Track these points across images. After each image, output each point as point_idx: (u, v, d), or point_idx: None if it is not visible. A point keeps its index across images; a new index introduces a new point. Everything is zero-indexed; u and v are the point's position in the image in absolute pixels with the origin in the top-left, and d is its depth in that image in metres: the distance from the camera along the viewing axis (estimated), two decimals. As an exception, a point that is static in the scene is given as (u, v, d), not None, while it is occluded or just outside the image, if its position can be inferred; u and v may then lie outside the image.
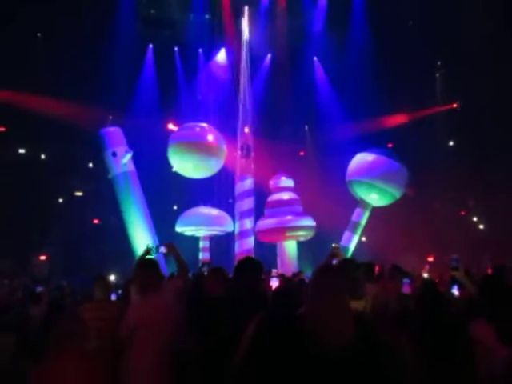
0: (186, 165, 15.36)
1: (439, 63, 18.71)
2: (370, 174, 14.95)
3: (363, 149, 15.59)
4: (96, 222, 18.19)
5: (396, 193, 15.21)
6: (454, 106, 18.28)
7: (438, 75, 18.88)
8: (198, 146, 14.84)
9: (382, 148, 15.46)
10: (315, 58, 19.39)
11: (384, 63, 16.45)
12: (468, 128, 16.51)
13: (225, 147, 15.60)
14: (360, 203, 16.14)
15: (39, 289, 7.55)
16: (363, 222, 16.24)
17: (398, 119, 18.69)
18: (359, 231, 16.25)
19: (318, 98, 19.16)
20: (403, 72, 16.44)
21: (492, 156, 15.65)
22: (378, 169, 14.88)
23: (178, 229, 15.61)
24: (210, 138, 15.23)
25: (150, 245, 4.94)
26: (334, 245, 6.83)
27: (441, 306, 3.01)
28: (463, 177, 16.16)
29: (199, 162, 15.07)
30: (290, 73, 17.74)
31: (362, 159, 15.42)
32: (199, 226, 15.52)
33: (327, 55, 18.35)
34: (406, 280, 4.77)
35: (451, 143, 17.06)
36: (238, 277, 3.08)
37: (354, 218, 16.23)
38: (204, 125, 15.64)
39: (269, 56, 18.77)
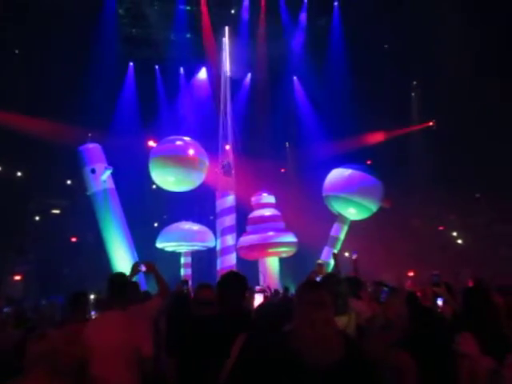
0: (167, 178, 15.29)
1: (415, 83, 19.30)
2: (346, 189, 15.15)
3: (347, 166, 15.83)
4: (74, 239, 17.84)
5: (373, 206, 15.41)
6: (430, 124, 18.78)
7: (413, 94, 19.43)
8: (179, 159, 14.85)
9: (357, 164, 15.72)
10: (295, 78, 19.77)
11: (362, 83, 16.80)
12: (444, 145, 16.89)
13: (207, 160, 15.61)
14: (338, 218, 16.29)
15: (6, 310, 7.15)
16: (342, 236, 16.36)
17: (376, 137, 19.06)
18: (338, 246, 16.34)
19: (299, 117, 19.53)
20: (380, 92, 16.82)
21: (468, 172, 15.97)
22: (355, 183, 15.08)
23: (159, 244, 15.49)
24: (192, 151, 15.27)
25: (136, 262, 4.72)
26: (318, 261, 6.74)
27: (429, 319, 3.00)
28: (441, 193, 16.43)
29: (181, 175, 15.04)
30: (271, 92, 18.04)
31: (338, 174, 15.63)
32: (180, 241, 15.42)
33: (307, 75, 18.64)
34: (385, 289, 4.68)
35: (428, 160, 17.38)
36: (222, 293, 2.95)
37: (332, 232, 16.33)
38: (186, 138, 15.67)
39: (249, 75, 19.03)
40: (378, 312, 3.99)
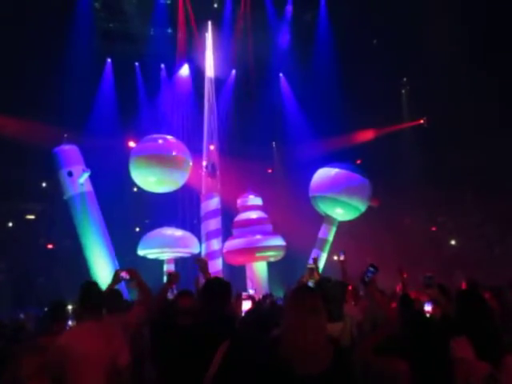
0: (148, 179, 15.22)
1: (405, 79, 19.47)
2: (333, 188, 15.29)
3: (333, 165, 15.96)
4: (50, 246, 17.64)
5: (361, 206, 15.55)
6: (421, 121, 19.03)
7: (403, 91, 19.61)
8: (161, 158, 14.76)
9: (344, 162, 15.85)
10: (281, 75, 19.85)
11: (350, 80, 16.98)
12: (435, 143, 17.10)
13: (190, 159, 15.59)
14: (325, 219, 16.41)
15: None
16: (330, 238, 16.51)
17: (366, 135, 19.29)
18: (327, 248, 16.46)
19: (285, 115, 19.68)
20: (370, 89, 17.00)
21: (460, 171, 16.18)
22: (341, 183, 15.23)
23: (141, 252, 15.45)
24: (174, 149, 15.21)
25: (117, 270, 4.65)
26: (309, 265, 7.07)
27: (423, 324, 3.04)
28: (432, 192, 16.65)
29: (163, 175, 14.95)
30: (256, 89, 18.07)
31: (324, 174, 15.75)
32: (163, 248, 15.33)
33: (293, 72, 18.83)
34: (371, 269, 4.68)
35: (419, 158, 17.61)
36: (205, 301, 2.94)
37: (320, 234, 16.43)
38: (168, 137, 15.61)
39: (234, 72, 18.97)
40: (367, 311, 4.03)
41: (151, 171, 14.91)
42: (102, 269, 14.02)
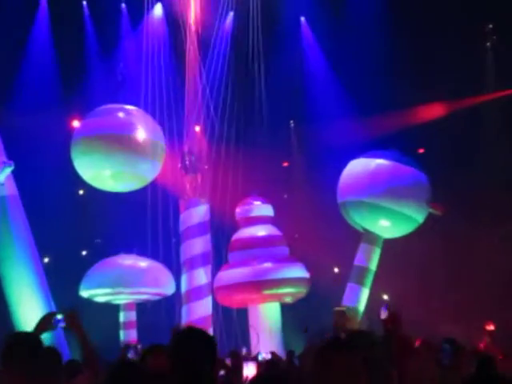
0: (101, 172, 15.28)
1: (490, 26, 19.18)
2: (373, 189, 15.30)
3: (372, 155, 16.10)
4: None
5: (416, 214, 15.57)
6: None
7: (488, 44, 19.31)
8: (120, 140, 14.82)
9: (390, 150, 15.91)
10: (303, 19, 19.72)
11: (405, 29, 16.86)
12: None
13: (163, 143, 15.70)
14: (364, 236, 16.41)
15: None
16: (373, 266, 16.42)
17: (430, 112, 19.12)
18: (369, 281, 16.42)
19: (308, 82, 19.46)
20: (436, 42, 17.00)
21: None
22: (386, 181, 15.27)
23: (84, 292, 15.61)
24: (140, 127, 15.22)
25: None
26: (337, 308, 7.53)
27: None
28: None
29: (123, 166, 15.01)
30: (265, 42, 17.85)
31: (359, 168, 15.88)
32: (117, 287, 15.43)
33: (321, 16, 18.59)
34: (445, 345, 5.03)
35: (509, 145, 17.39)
36: (178, 363, 2.94)
37: (357, 260, 16.48)
38: (130, 108, 15.64)
39: (231, 15, 18.80)
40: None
41: (105, 160, 14.91)
42: (30, 311, 13.74)
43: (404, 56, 16.99)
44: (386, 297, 17.60)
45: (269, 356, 11.59)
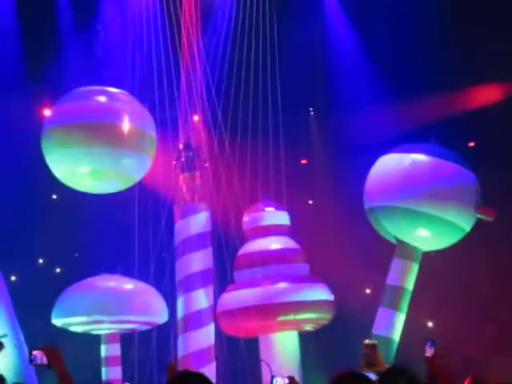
0: (78, 169, 15.22)
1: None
2: (408, 191, 15.35)
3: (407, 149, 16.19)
4: None
5: (463, 222, 15.57)
6: None
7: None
8: (101, 130, 14.73)
9: (428, 143, 16.00)
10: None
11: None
12: None
13: (153, 134, 15.68)
14: (398, 248, 16.39)
15: None
16: (409, 285, 16.29)
17: (484, 96, 19.33)
18: (405, 304, 16.26)
19: (331, 59, 19.74)
20: (489, 10, 17.21)
21: None
22: (425, 181, 15.39)
23: (57, 321, 15.81)
24: (125, 115, 15.15)
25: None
26: (366, 341, 7.78)
27: None
28: None
29: (105, 161, 14.95)
30: (279, 12, 17.83)
31: (391, 166, 16.04)
32: (95, 314, 15.53)
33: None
34: None
35: None
36: None
37: (390, 279, 16.47)
38: (113, 90, 15.65)
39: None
40: None
41: (82, 155, 14.76)
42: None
43: (451, 28, 17.08)
44: (430, 324, 17.55)
45: (286, 381, 11.48)
